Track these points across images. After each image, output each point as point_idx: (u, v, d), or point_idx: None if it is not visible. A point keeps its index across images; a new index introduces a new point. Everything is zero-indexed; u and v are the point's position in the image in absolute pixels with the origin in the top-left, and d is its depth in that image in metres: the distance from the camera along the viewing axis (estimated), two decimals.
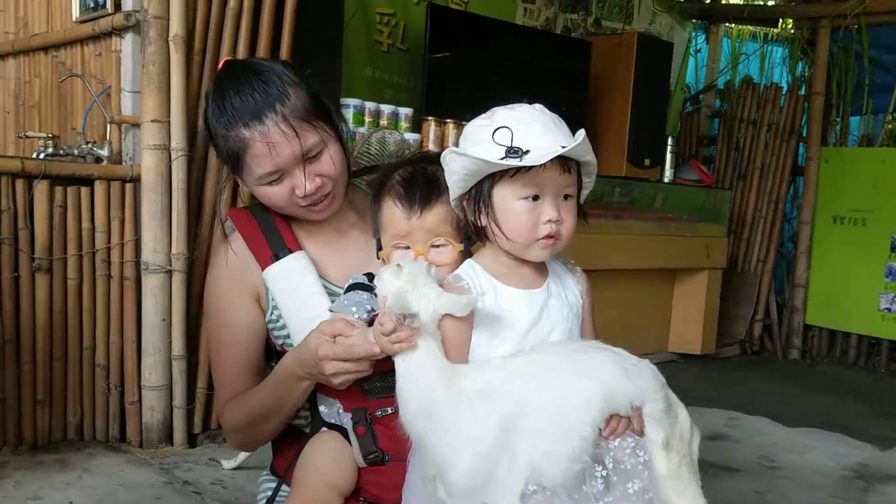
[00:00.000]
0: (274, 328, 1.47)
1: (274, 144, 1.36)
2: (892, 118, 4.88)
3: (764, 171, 4.91)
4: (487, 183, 1.24)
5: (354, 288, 1.38)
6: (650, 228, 4.23)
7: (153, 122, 2.51)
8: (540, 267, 1.32)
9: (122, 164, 2.65)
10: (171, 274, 2.56)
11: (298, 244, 1.48)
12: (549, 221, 1.23)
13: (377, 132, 1.99)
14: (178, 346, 2.59)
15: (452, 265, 1.34)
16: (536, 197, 1.23)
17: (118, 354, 2.59)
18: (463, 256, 1.35)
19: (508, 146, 1.19)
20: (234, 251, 1.48)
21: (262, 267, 1.45)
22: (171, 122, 2.52)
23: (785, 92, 4.94)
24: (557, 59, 4.12)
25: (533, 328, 1.27)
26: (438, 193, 1.33)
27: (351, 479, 1.38)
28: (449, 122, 3.39)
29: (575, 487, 1.18)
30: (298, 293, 1.42)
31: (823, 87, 4.79)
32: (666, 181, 4.45)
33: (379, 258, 1.38)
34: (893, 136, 4.94)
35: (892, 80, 4.66)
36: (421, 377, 1.19)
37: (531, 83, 3.84)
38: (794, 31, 5.15)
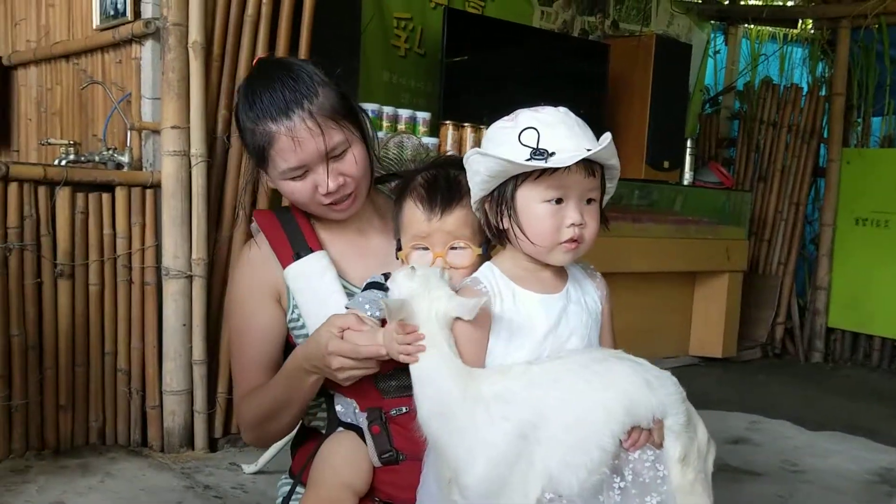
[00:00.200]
0: (294, 327, 1.49)
1: (299, 140, 1.38)
2: None
3: (785, 172, 4.87)
4: (511, 185, 1.23)
5: (371, 287, 1.40)
6: (670, 231, 4.21)
7: (173, 128, 2.52)
8: (560, 271, 1.31)
9: (142, 170, 2.67)
10: (191, 279, 2.58)
11: (320, 244, 1.49)
12: (572, 225, 1.22)
13: (395, 137, 2.00)
14: (198, 350, 2.60)
15: (471, 268, 1.34)
16: (560, 200, 1.22)
17: (139, 359, 2.61)
18: (481, 260, 1.35)
19: (534, 147, 1.18)
20: (257, 251, 1.51)
21: (283, 266, 1.47)
22: (190, 128, 2.53)
23: (805, 93, 4.89)
24: (575, 61, 4.11)
25: (551, 333, 1.26)
26: (459, 197, 1.34)
27: (366, 478, 1.38)
28: (466, 125, 3.39)
29: (591, 497, 1.17)
30: (318, 292, 1.44)
31: (844, 87, 4.74)
32: (685, 184, 4.42)
33: (398, 258, 1.39)
34: None
35: None
36: (435, 380, 1.19)
37: (549, 86, 3.83)
38: (813, 31, 5.11)
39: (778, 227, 4.89)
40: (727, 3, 5.37)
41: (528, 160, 1.18)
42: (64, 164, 2.71)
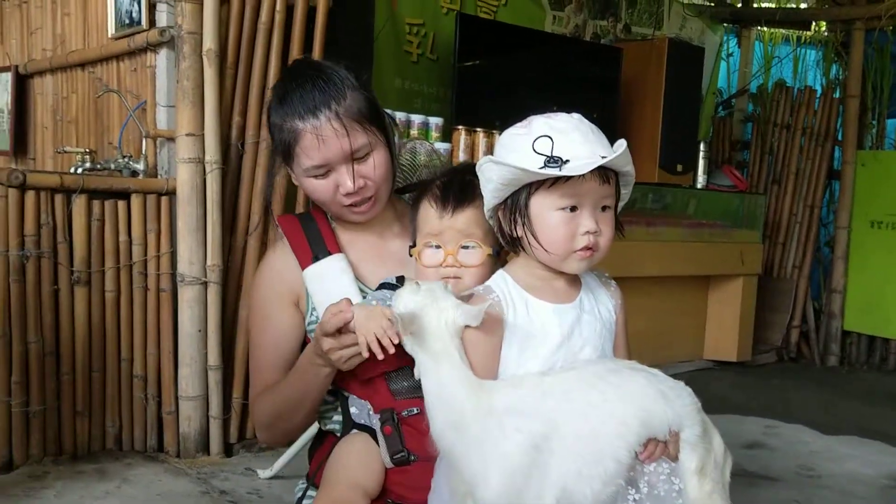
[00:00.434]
0: (312, 329, 1.50)
1: (324, 139, 1.42)
2: None
3: (799, 175, 4.84)
4: (524, 193, 1.22)
5: (383, 287, 1.43)
6: (684, 235, 4.19)
7: (188, 135, 2.54)
8: (573, 280, 1.30)
9: (157, 177, 2.69)
10: (206, 285, 2.59)
11: (339, 247, 1.53)
12: (587, 233, 1.21)
13: (408, 142, 2.02)
14: (213, 356, 2.62)
15: (481, 268, 1.35)
16: (574, 208, 1.21)
17: (155, 365, 2.63)
18: (492, 261, 1.36)
19: (549, 155, 1.18)
20: (279, 255, 1.55)
21: (302, 268, 1.50)
22: (205, 135, 2.55)
23: (819, 95, 4.87)
24: (587, 66, 4.11)
25: (564, 344, 1.25)
26: (472, 197, 1.35)
27: (377, 479, 1.39)
28: (479, 131, 3.39)
29: None
30: (334, 294, 1.45)
31: (858, 89, 4.72)
32: (699, 187, 4.40)
33: (411, 255, 1.41)
34: None
35: None
36: (448, 392, 1.19)
37: (561, 91, 3.83)
38: (827, 33, 5.09)
39: (792, 230, 4.87)
40: (740, 5, 5.35)
41: (541, 168, 1.17)
42: (80, 171, 2.73)
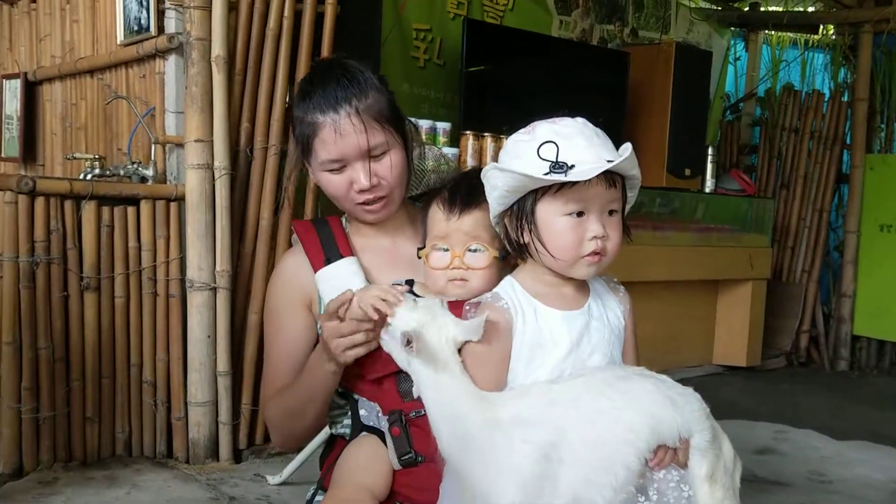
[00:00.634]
0: None
1: (342, 133, 1.44)
2: None
3: (807, 179, 4.83)
4: (530, 199, 1.22)
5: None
6: (692, 239, 4.18)
7: (196, 141, 2.55)
8: (581, 286, 1.30)
9: (166, 183, 2.69)
10: (215, 291, 2.59)
11: (352, 251, 1.54)
12: (594, 238, 1.21)
13: (417, 147, 2.03)
14: (222, 362, 2.62)
15: (487, 270, 1.36)
16: (581, 213, 1.21)
17: (164, 371, 2.63)
18: (498, 264, 1.37)
19: (553, 161, 1.17)
20: (293, 260, 1.58)
21: (315, 271, 1.52)
22: (213, 141, 2.55)
23: (827, 99, 4.86)
24: (595, 70, 4.11)
25: (573, 351, 1.24)
26: (479, 200, 1.35)
27: (385, 481, 1.40)
28: (487, 135, 3.39)
29: None
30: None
31: (867, 93, 4.71)
32: (707, 191, 4.39)
33: (419, 257, 1.42)
34: None
35: None
36: (451, 407, 1.19)
37: (569, 95, 3.83)
38: (835, 36, 5.08)
39: (801, 234, 4.85)
40: (747, 9, 5.35)
41: (547, 174, 1.17)
42: (89, 178, 2.74)
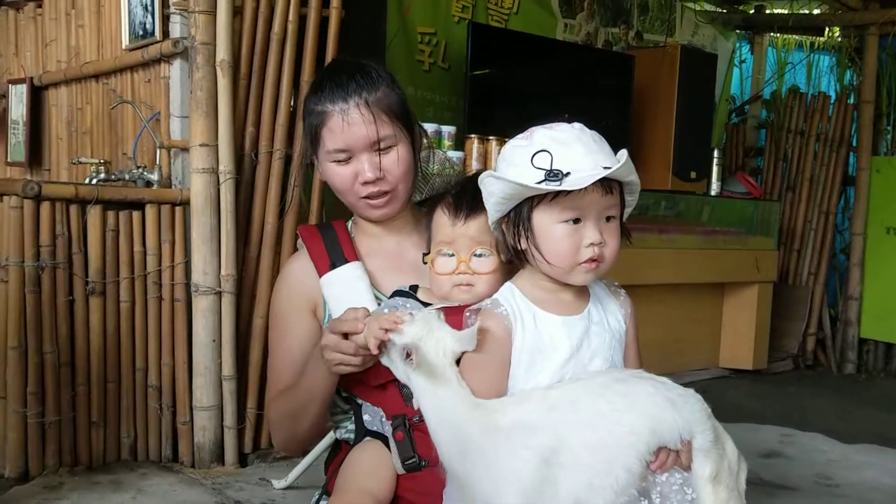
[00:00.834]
0: None
1: (349, 122, 1.46)
2: None
3: (813, 181, 4.82)
4: (527, 206, 1.22)
5: (396, 295, 1.45)
6: (698, 242, 4.18)
7: (201, 145, 2.55)
8: (581, 291, 1.29)
9: (171, 187, 2.70)
10: (220, 295, 2.59)
11: (357, 256, 1.55)
12: (591, 245, 1.21)
13: (424, 149, 2.03)
14: (228, 366, 2.62)
15: (493, 275, 1.36)
16: (578, 220, 1.21)
17: (170, 375, 2.63)
18: (504, 268, 1.36)
19: (548, 169, 1.17)
20: (298, 264, 1.58)
21: (319, 275, 1.52)
22: (218, 145, 2.55)
23: (833, 101, 4.85)
24: (600, 73, 4.10)
25: (573, 357, 1.24)
26: (484, 206, 1.34)
27: (389, 486, 1.40)
28: (492, 139, 3.39)
29: None
30: (349, 301, 1.46)
31: (873, 94, 4.70)
32: (713, 194, 4.38)
33: (425, 262, 1.42)
34: None
35: None
36: (449, 416, 1.19)
37: (574, 98, 3.83)
38: (840, 38, 5.07)
39: (807, 236, 4.84)
40: (752, 12, 5.34)
41: (541, 182, 1.17)
42: (94, 182, 2.74)
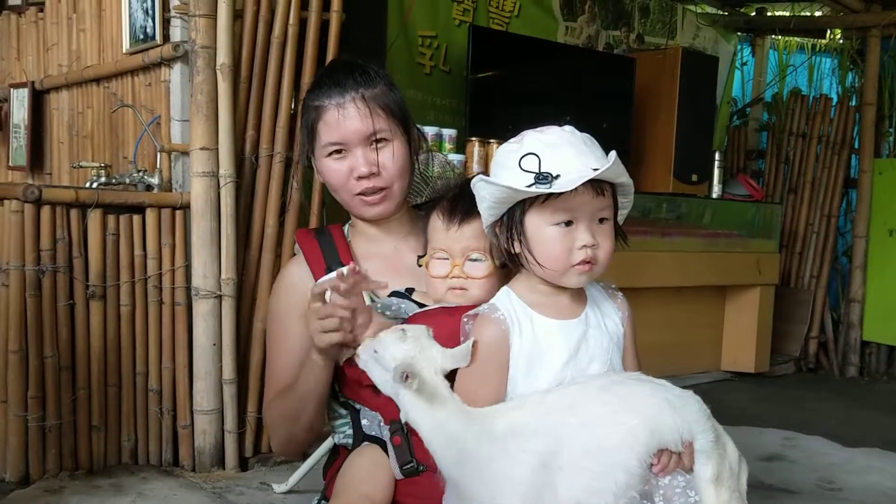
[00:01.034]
0: None
1: (345, 115, 1.46)
2: None
3: (815, 184, 4.82)
4: (519, 209, 1.22)
5: (392, 296, 1.46)
6: (700, 245, 4.17)
7: (202, 149, 2.54)
8: (578, 294, 1.29)
9: (171, 191, 2.70)
10: (220, 299, 2.59)
11: (353, 260, 1.54)
12: (583, 247, 1.21)
13: (423, 152, 2.03)
14: (228, 370, 2.61)
15: (487, 280, 1.36)
16: (570, 222, 1.21)
17: (170, 379, 2.63)
18: (499, 273, 1.37)
19: (537, 172, 1.17)
20: (295, 269, 1.59)
21: (315, 280, 1.51)
22: (219, 149, 2.55)
23: (835, 103, 4.84)
24: (601, 76, 4.10)
25: (571, 361, 1.24)
26: (478, 210, 1.34)
27: (386, 491, 1.40)
28: (493, 142, 3.39)
29: None
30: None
31: (875, 97, 4.69)
32: (714, 197, 4.38)
33: (420, 265, 1.42)
34: None
35: None
36: (445, 429, 1.19)
37: (575, 101, 3.83)
38: (842, 41, 5.06)
39: (809, 239, 4.83)
40: (754, 14, 5.34)
41: (530, 185, 1.17)
42: (95, 186, 2.74)
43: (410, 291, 1.45)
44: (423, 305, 1.44)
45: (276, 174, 2.68)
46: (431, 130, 3.31)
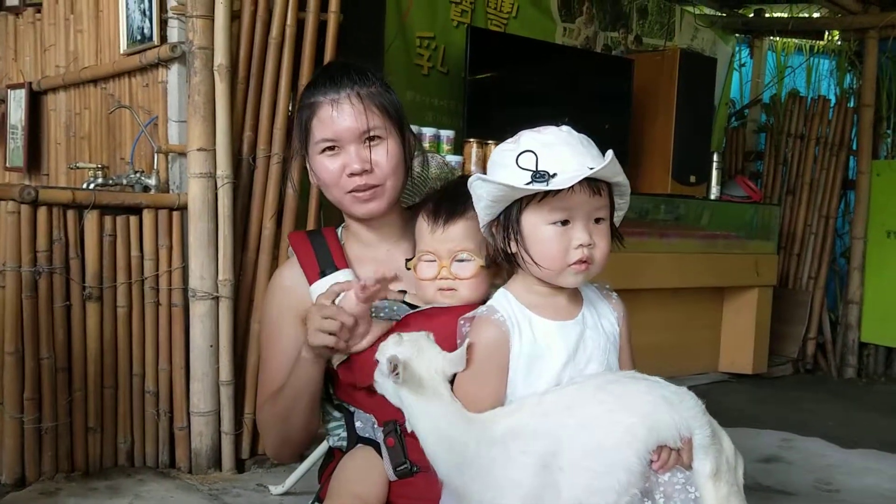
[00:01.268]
0: None
1: (340, 111, 1.46)
2: None
3: (813, 185, 4.82)
4: (515, 209, 1.22)
5: (383, 298, 1.45)
6: (698, 246, 4.17)
7: (199, 150, 2.54)
8: (574, 295, 1.29)
9: (169, 192, 2.69)
10: (217, 300, 2.58)
11: (347, 263, 1.53)
12: (580, 246, 1.20)
13: (418, 155, 2.03)
14: (225, 371, 2.61)
15: (475, 280, 1.37)
16: (566, 221, 1.21)
17: (167, 381, 2.62)
18: (485, 273, 1.37)
19: (534, 170, 1.17)
20: (288, 272, 1.57)
21: (310, 283, 1.51)
22: (216, 150, 2.55)
23: (833, 104, 4.85)
24: (599, 77, 4.10)
25: (570, 362, 1.24)
26: (463, 209, 1.36)
27: (380, 492, 1.40)
28: (490, 143, 3.38)
29: None
30: None
31: (873, 98, 4.70)
32: (713, 198, 4.38)
33: (408, 268, 1.42)
34: None
35: None
36: (444, 433, 1.19)
37: (573, 103, 3.83)
38: (840, 42, 5.07)
39: (807, 240, 4.83)
40: (752, 15, 5.34)
41: (528, 184, 1.17)
42: (92, 187, 2.74)
43: (403, 294, 1.45)
44: (415, 307, 1.44)
45: (273, 175, 2.67)
46: (429, 131, 3.31)
